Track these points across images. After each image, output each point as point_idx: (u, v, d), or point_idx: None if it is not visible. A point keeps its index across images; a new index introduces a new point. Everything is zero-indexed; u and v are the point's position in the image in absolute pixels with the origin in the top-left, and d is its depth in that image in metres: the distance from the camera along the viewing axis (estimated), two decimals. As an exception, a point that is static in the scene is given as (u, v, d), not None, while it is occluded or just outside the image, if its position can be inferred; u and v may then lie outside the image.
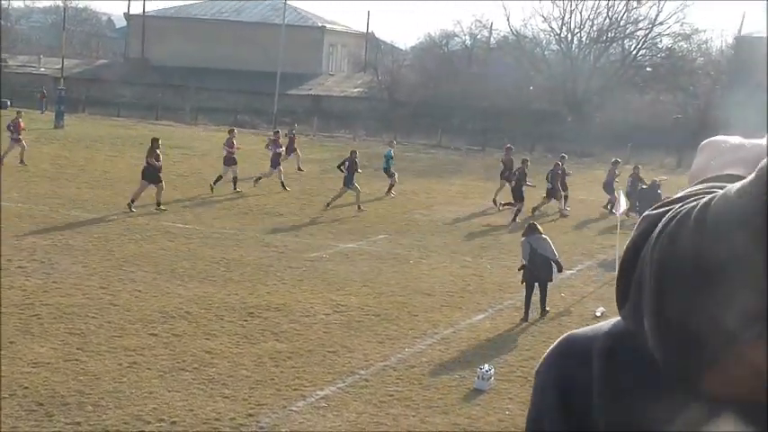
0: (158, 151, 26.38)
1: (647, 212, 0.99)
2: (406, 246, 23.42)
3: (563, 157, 31.64)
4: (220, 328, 15.70)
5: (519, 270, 17.87)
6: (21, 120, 33.80)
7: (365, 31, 74.10)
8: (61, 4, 75.81)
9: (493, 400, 13.27)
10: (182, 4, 71.42)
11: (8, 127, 33.22)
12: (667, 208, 0.98)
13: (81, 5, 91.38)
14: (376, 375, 13.97)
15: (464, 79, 58.96)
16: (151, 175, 25.74)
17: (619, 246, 21.81)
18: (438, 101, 56.42)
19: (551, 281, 17.79)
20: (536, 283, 17.46)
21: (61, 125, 44.63)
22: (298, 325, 16.10)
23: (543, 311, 17.63)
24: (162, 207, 25.65)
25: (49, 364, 13.49)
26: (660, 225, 0.94)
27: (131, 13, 70.01)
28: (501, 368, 14.38)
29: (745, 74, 52.50)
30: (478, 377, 13.72)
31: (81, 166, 32.90)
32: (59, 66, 61.53)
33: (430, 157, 45.09)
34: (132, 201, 25.36)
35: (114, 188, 29.17)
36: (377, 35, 76.36)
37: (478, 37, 65.25)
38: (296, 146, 36.75)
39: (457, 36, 65.43)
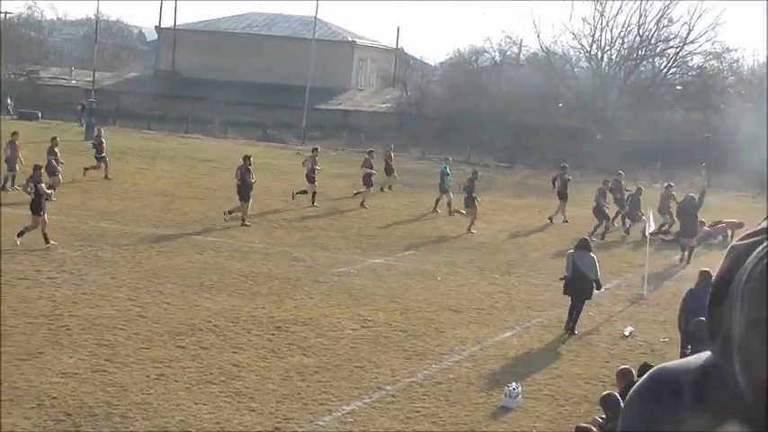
0: (250, 168, 27.16)
1: (735, 243, 1.01)
2: (433, 262, 23.40)
3: (564, 167, 31.94)
4: (248, 341, 15.74)
5: (560, 279, 18.07)
6: (103, 138, 34.29)
7: (395, 46, 74.28)
8: (93, 17, 76.47)
9: (520, 419, 13.22)
10: (213, 17, 71.97)
11: (93, 145, 33.93)
12: (756, 239, 1.00)
13: (113, 18, 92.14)
14: (402, 391, 13.96)
15: (493, 95, 58.96)
16: (244, 191, 26.34)
17: (648, 265, 21.72)
18: (467, 117, 56.39)
19: (589, 298, 17.72)
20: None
21: (92, 137, 44.96)
22: (325, 339, 16.12)
23: (571, 328, 17.55)
24: (246, 223, 26.12)
25: (77, 374, 13.57)
26: (752, 261, 0.96)
27: (162, 26, 70.55)
28: (528, 386, 14.33)
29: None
30: (506, 395, 13.68)
31: (111, 179, 33.13)
32: (90, 78, 62.06)
33: (458, 174, 44.99)
34: (230, 212, 26.34)
35: (143, 200, 29.35)
36: (406, 50, 76.56)
37: (508, 53, 65.28)
38: (393, 164, 35.37)
39: (486, 52, 65.49)
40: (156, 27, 72.31)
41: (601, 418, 9.68)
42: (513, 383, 13.93)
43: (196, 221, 26.33)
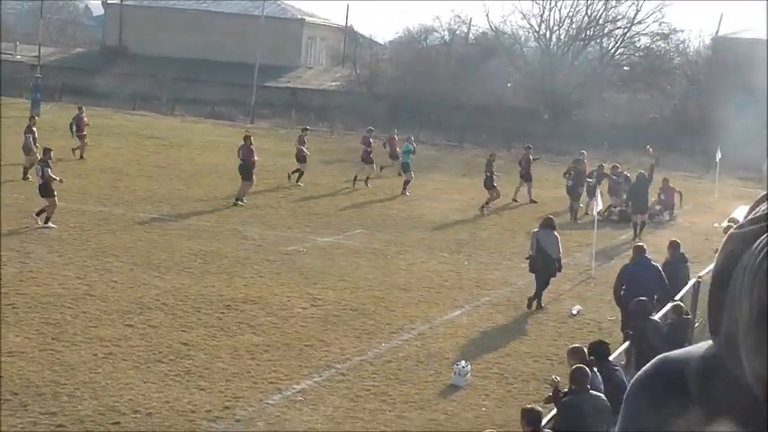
0: (252, 147, 27.59)
1: (733, 231, 1.02)
2: (383, 241, 23.45)
3: (528, 147, 32.39)
4: (197, 320, 15.67)
5: (526, 259, 18.50)
6: (84, 116, 33.71)
7: (344, 24, 74.01)
8: (38, -9, 75.21)
9: (469, 397, 13.33)
10: (160, -7, 71.02)
11: (70, 125, 33.25)
12: (753, 227, 1.01)
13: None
14: (352, 370, 14.00)
15: (442, 75, 59.01)
16: (247, 171, 26.88)
17: (595, 244, 21.94)
18: (416, 96, 56.42)
19: (553, 276, 18.02)
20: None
21: (37, 113, 44.30)
22: (275, 318, 16.10)
23: (534, 304, 17.87)
24: (241, 203, 26.49)
25: (23, 353, 13.42)
26: (756, 255, 0.96)
27: (109, 1, 69.55)
28: (477, 364, 14.44)
29: (721, 75, 52.85)
30: (455, 373, 13.77)
31: (56, 156, 32.64)
32: (36, 53, 61.05)
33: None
34: (238, 199, 26.68)
35: (90, 177, 29.01)
36: (356, 29, 76.38)
37: (457, 32, 65.28)
38: (397, 148, 34.30)
39: (435, 31, 65.46)
40: (102, 2, 71.28)
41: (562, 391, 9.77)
42: (463, 362, 14.03)
43: (144, 199, 26.09)
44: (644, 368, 1.11)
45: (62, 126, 37.36)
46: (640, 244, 16.63)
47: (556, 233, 17.98)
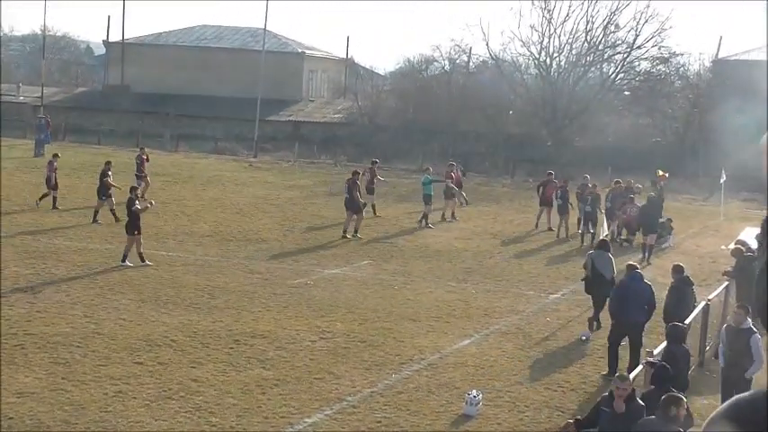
0: (358, 182, 28.21)
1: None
2: (390, 271, 23.41)
3: (451, 165, 33.17)
4: (206, 356, 15.63)
5: (582, 280, 18.92)
6: (145, 156, 33.86)
7: (345, 56, 74.34)
8: (39, 32, 75.67)
9: (481, 426, 13.26)
10: (161, 30, 71.48)
11: (136, 164, 33.46)
12: None
13: (60, 33, 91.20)
14: (363, 402, 13.93)
15: (444, 104, 59.18)
16: (354, 205, 27.74)
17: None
18: (418, 125, 56.57)
19: (608, 296, 17.80)
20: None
21: (41, 153, 44.47)
22: (284, 352, 16.05)
23: (594, 324, 18.33)
24: (350, 235, 27.41)
25: (33, 394, 13.38)
26: None
27: (110, 40, 69.94)
28: (488, 393, 14.38)
29: (722, 97, 52.92)
30: (466, 403, 13.71)
31: (62, 195, 32.75)
32: (38, 94, 61.35)
33: (412, 182, 45.15)
34: (355, 231, 27.66)
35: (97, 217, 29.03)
36: (356, 60, 76.60)
37: (457, 62, 65.50)
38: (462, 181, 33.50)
39: (436, 61, 65.63)
40: (103, 41, 71.61)
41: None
42: (474, 391, 13.96)
43: (150, 236, 26.08)
44: (718, 410, 1.12)
45: (66, 165, 37.45)
46: (632, 262, 16.87)
47: (610, 255, 18.38)
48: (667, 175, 30.56)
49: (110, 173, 29.24)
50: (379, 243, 27.47)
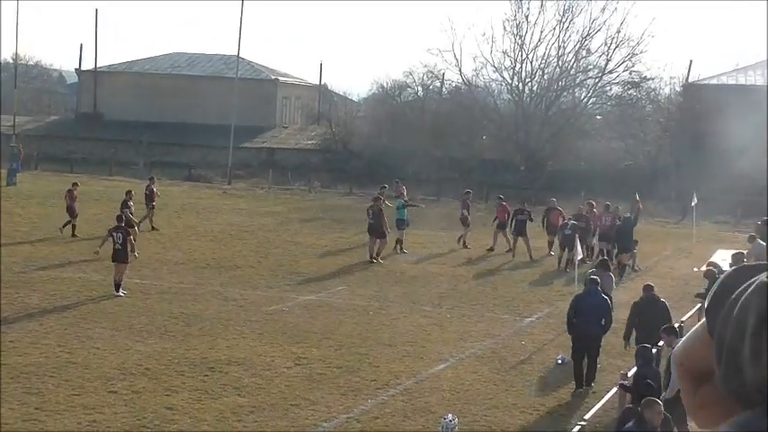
0: (381, 207, 28.90)
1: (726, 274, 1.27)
2: (365, 297, 23.41)
3: (384, 187, 33.05)
4: (181, 383, 15.55)
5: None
6: (155, 186, 33.82)
7: (318, 82, 74.55)
8: (11, 61, 75.41)
9: (458, 450, 13.23)
10: (134, 58, 71.40)
11: (146, 195, 33.14)
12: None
13: (32, 62, 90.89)
14: (339, 428, 13.90)
15: (417, 130, 59.42)
16: (376, 230, 28.41)
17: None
18: (392, 151, 56.73)
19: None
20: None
21: (14, 182, 44.24)
22: (259, 379, 16.00)
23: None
24: (375, 260, 28.09)
25: (6, 425, 13.26)
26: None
27: (83, 68, 69.76)
28: (464, 417, 14.38)
29: (693, 120, 53.47)
30: (442, 427, 13.67)
31: (35, 224, 32.58)
32: (11, 123, 61.05)
33: (386, 208, 45.25)
34: (377, 255, 28.28)
35: (69, 245, 28.89)
36: (330, 86, 76.83)
37: (430, 87, 65.84)
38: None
39: (409, 87, 65.96)
40: (76, 69, 71.44)
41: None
42: (450, 416, 13.94)
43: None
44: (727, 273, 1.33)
45: (39, 194, 37.26)
46: (593, 277, 17.22)
47: (611, 274, 19.50)
48: (640, 202, 30.78)
49: (131, 203, 29.08)
50: (354, 269, 27.47)
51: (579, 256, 23.52)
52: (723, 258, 26.80)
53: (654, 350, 13.68)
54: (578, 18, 71.26)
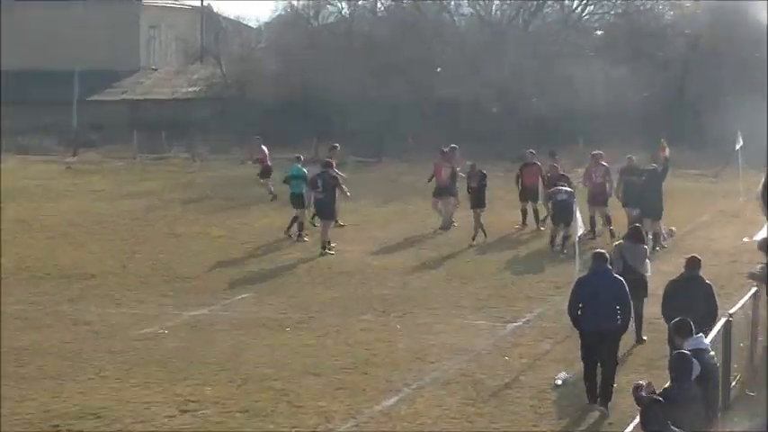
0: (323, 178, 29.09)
1: None
2: (278, 307, 23.25)
3: (335, 147, 34.07)
4: (11, 452, 15.26)
5: None
6: None
7: (199, 3, 74.14)
8: None
9: None
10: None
11: None
12: None
13: None
14: (248, 500, 13.70)
15: (344, 64, 59.25)
16: (327, 208, 29.19)
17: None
18: (310, 97, 56.54)
19: (646, 296, 19.71)
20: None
21: None
22: (128, 436, 15.77)
23: (638, 338, 19.71)
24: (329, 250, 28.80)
25: None
26: None
27: None
28: (428, 473, 14.25)
29: (731, 32, 53.85)
30: (397, 489, 13.54)
31: None
32: None
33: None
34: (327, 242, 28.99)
35: None
36: (215, 9, 76.33)
37: (360, 2, 65.76)
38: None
39: (330, 4, 65.83)
40: None
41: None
42: (407, 472, 13.82)
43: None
44: None
45: None
46: (600, 251, 17.53)
47: (645, 246, 20.28)
48: (667, 149, 31.04)
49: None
50: (262, 268, 27.28)
51: (581, 231, 23.45)
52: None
53: (711, 353, 13.56)
54: None
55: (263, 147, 39.64)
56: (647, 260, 19.84)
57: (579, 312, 16.63)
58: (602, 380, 16.49)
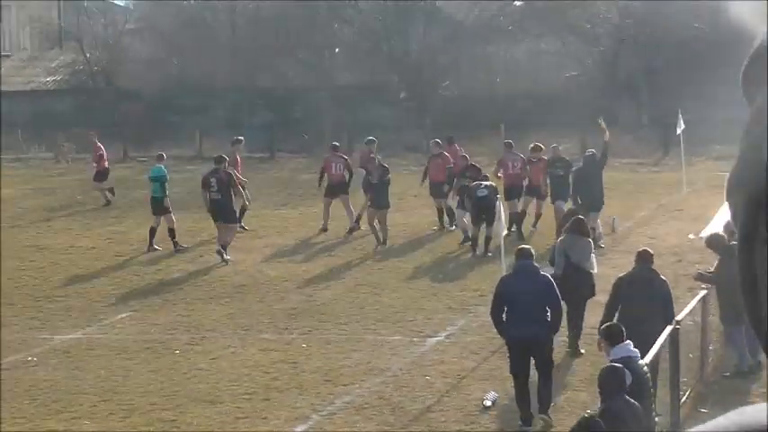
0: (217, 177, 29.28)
1: None
2: (165, 326, 23.23)
3: (239, 141, 34.57)
4: None
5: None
6: None
7: (56, -21, 73.59)
8: None
9: None
10: None
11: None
12: None
13: None
14: None
15: (226, 45, 59.15)
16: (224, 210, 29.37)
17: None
18: (189, 84, 56.38)
19: (592, 295, 19.85)
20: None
21: None
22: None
23: (574, 345, 19.83)
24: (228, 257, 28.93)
25: None
26: None
27: None
28: None
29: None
30: None
31: None
32: None
33: (187, 178, 44.89)
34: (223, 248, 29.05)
35: None
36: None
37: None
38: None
39: (209, -23, 65.66)
40: None
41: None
42: None
43: None
44: None
45: None
46: (524, 246, 18.16)
47: (589, 239, 20.45)
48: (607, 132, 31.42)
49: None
50: (144, 282, 27.25)
51: (504, 231, 23.78)
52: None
53: (639, 361, 13.85)
54: None
55: (99, 144, 39.55)
56: (593, 255, 20.08)
57: (504, 317, 16.77)
58: (540, 385, 16.77)
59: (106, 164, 38.64)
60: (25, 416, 18.12)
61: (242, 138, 34.79)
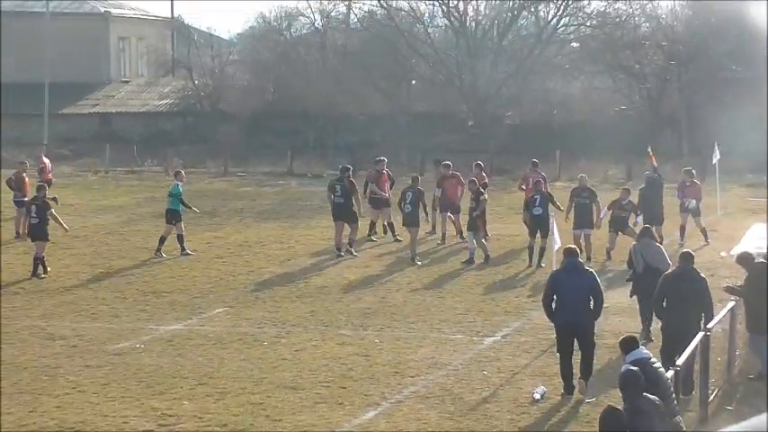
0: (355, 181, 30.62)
1: None
2: (255, 320, 23.31)
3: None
4: (-9, 466, 15.34)
5: (627, 281, 21.91)
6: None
7: (170, 15, 73.92)
8: None
9: None
10: None
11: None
12: None
13: None
14: None
15: (317, 76, 59.29)
16: (351, 213, 30.65)
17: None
18: (283, 109, 56.54)
19: None
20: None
21: None
22: (106, 450, 15.84)
23: (647, 336, 20.29)
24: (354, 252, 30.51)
25: None
26: None
27: None
28: (408, 486, 14.40)
29: (709, 43, 54.13)
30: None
31: None
32: None
33: (278, 192, 45.05)
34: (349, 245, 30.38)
35: None
36: (186, 20, 76.18)
37: (333, 14, 65.75)
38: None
39: (302, 15, 65.81)
40: None
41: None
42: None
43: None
44: None
45: None
46: (570, 246, 19.07)
47: (658, 243, 21.94)
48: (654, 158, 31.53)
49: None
50: (238, 282, 27.35)
51: (557, 245, 23.67)
52: (761, 236, 27.27)
53: (652, 360, 13.73)
54: None
55: (45, 158, 39.10)
56: (665, 255, 20.88)
57: (553, 305, 17.83)
58: (582, 359, 17.85)
59: (50, 176, 37.74)
60: (132, 395, 18.24)
61: (384, 158, 34.58)
